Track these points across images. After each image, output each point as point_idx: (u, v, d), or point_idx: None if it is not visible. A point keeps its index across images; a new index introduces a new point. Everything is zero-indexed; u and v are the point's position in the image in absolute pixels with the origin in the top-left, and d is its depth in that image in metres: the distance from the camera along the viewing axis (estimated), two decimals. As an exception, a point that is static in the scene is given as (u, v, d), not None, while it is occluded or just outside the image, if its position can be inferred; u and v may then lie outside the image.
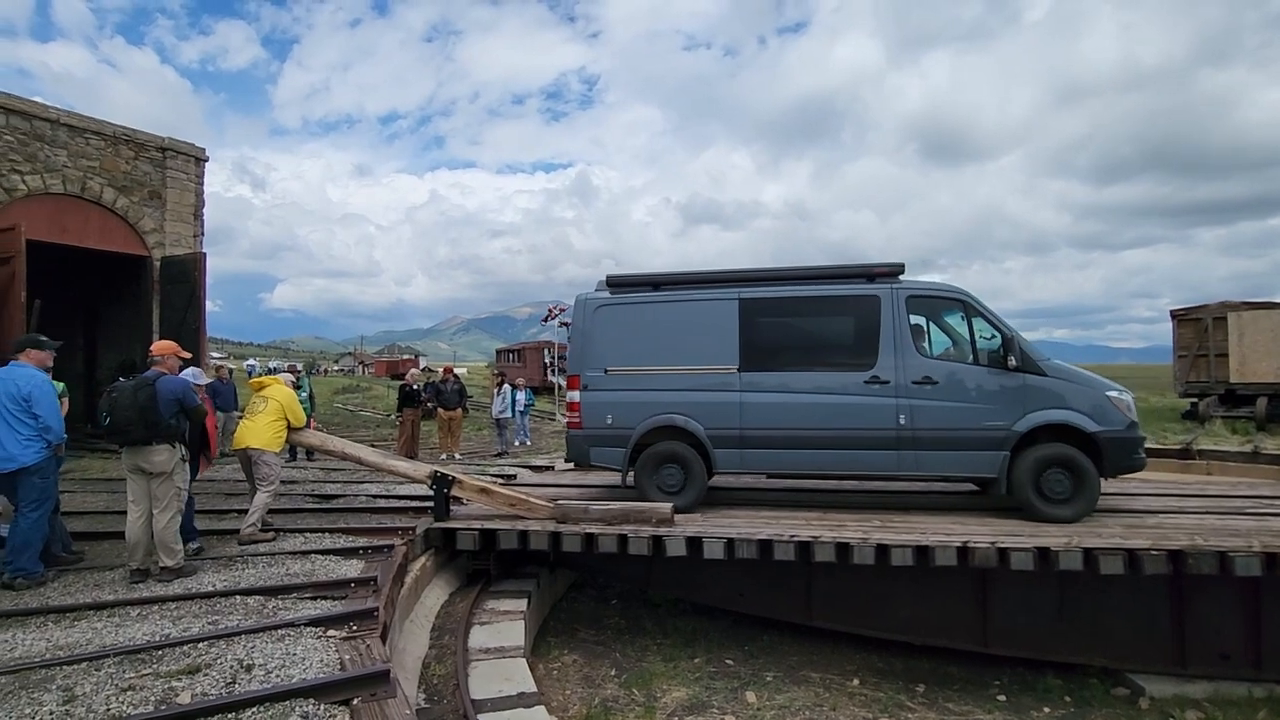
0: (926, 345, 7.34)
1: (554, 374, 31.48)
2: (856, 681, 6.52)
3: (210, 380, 9.58)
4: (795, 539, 6.33)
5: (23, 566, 5.19)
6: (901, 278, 7.39)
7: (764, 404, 7.34)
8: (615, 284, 8.04)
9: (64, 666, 3.78)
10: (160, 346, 5.79)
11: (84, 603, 4.84)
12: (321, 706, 3.41)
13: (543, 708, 4.77)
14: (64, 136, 14.28)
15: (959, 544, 6.08)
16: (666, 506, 6.88)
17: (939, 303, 7.39)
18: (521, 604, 6.65)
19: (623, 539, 6.62)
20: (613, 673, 6.53)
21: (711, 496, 8.34)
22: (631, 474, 7.66)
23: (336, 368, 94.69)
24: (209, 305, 15.73)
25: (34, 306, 12.41)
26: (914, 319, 7.27)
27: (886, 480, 8.14)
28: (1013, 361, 6.81)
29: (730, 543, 6.41)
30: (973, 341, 7.11)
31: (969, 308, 7.16)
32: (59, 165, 14.16)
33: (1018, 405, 6.84)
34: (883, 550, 6.17)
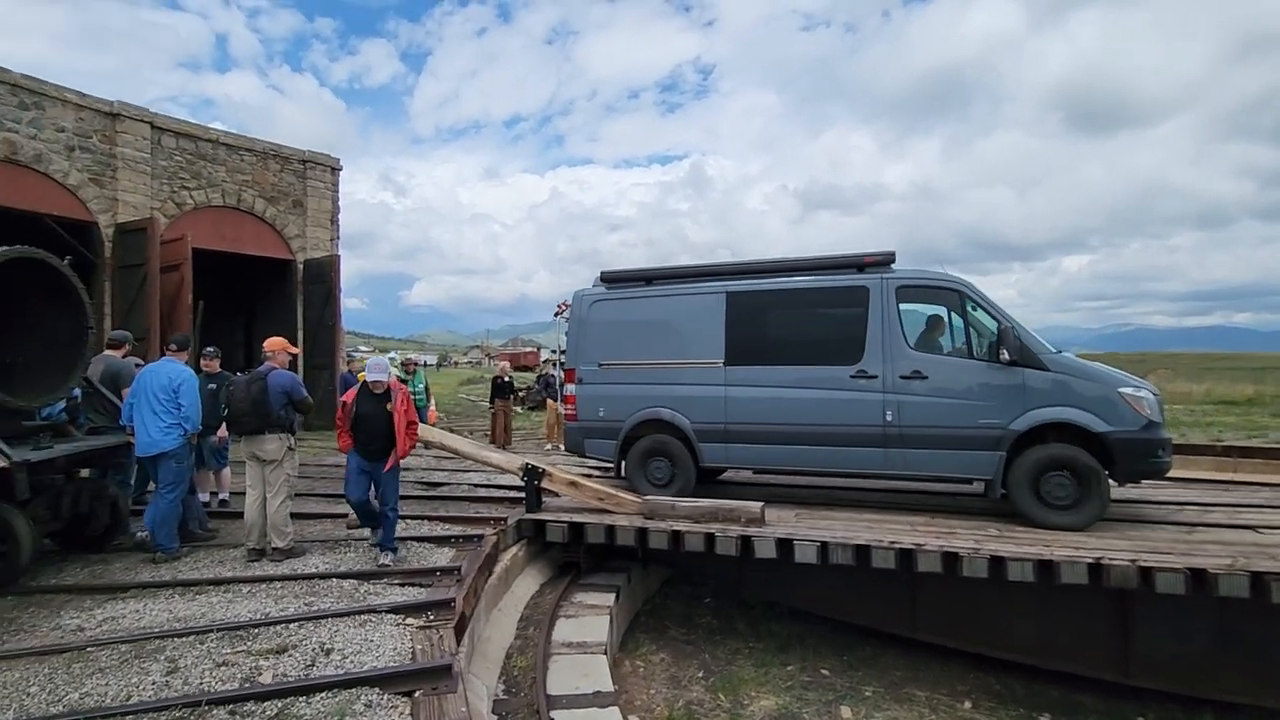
0: (918, 338, 6.94)
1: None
2: (968, 704, 5.93)
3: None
4: (896, 545, 5.84)
5: (160, 542, 5.79)
6: (894, 267, 7.08)
7: (748, 398, 7.28)
8: (610, 279, 8.16)
9: (175, 639, 4.15)
10: (271, 343, 6.24)
11: (206, 578, 5.33)
12: (385, 696, 3.50)
13: (617, 709, 4.68)
14: (223, 154, 15.97)
15: (1091, 560, 5.35)
16: (756, 505, 6.59)
17: (932, 293, 7.01)
18: (609, 598, 6.60)
19: (710, 538, 6.40)
20: (700, 674, 6.34)
21: (809, 496, 7.95)
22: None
23: (465, 360, 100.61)
24: (356, 303, 17.30)
25: (198, 307, 13.99)
26: (905, 310, 6.94)
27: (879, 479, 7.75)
28: (1005, 355, 6.34)
29: (824, 546, 6.02)
30: (968, 334, 6.73)
31: (965, 298, 6.74)
32: (219, 180, 15.85)
33: (1015, 402, 6.37)
34: (997, 563, 5.54)
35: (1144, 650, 5.82)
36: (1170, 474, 9.05)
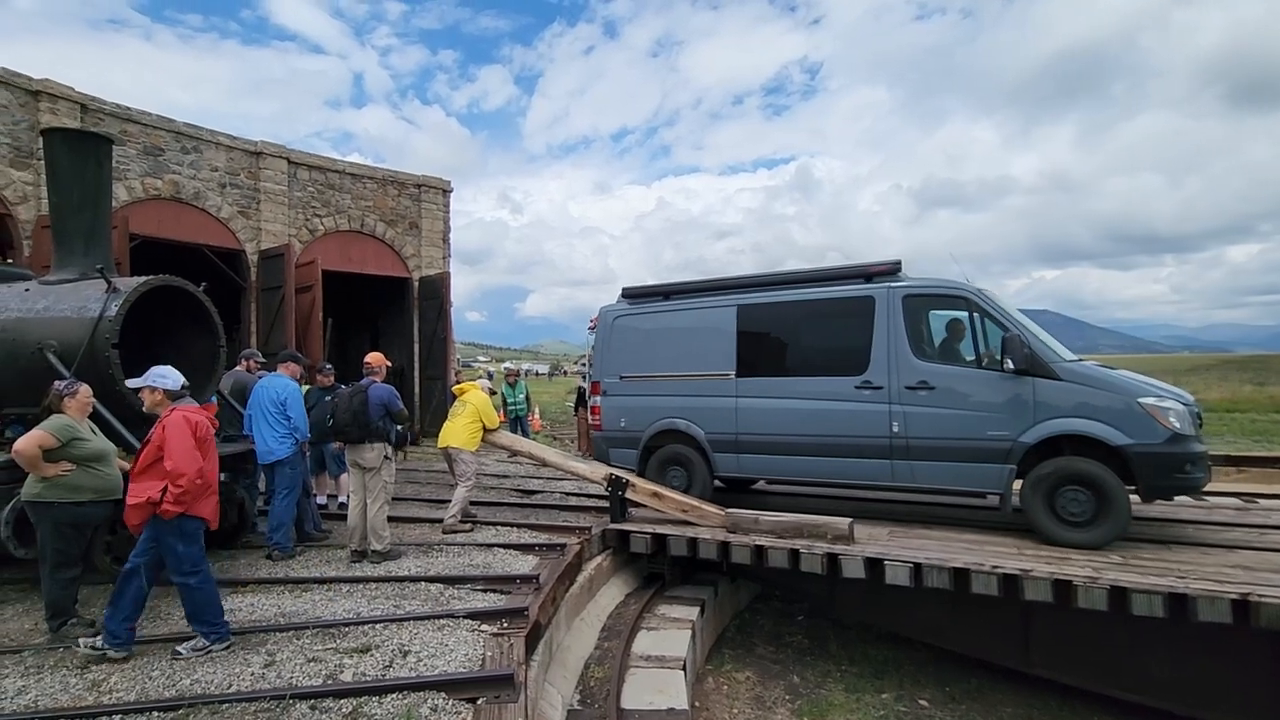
0: (924, 347, 6.78)
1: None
2: (1089, 750, 5.35)
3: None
4: (999, 570, 5.37)
5: (277, 542, 6.33)
6: (901, 275, 6.99)
7: (757, 409, 7.39)
8: (630, 295, 8.51)
9: (277, 633, 4.50)
10: (373, 358, 6.68)
11: (312, 576, 5.75)
12: (450, 701, 3.61)
13: (689, 728, 4.60)
14: (348, 183, 17.33)
15: (1236, 595, 4.67)
16: (844, 522, 6.28)
17: (940, 301, 6.82)
18: (693, 612, 6.51)
19: (794, 554, 6.17)
20: (786, 697, 6.11)
21: (905, 512, 7.52)
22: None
23: (575, 368, 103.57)
24: (475, 316, 18.24)
25: (327, 324, 15.26)
26: (911, 319, 6.76)
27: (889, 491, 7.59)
28: (1010, 364, 6.12)
29: (917, 568, 5.64)
30: (976, 343, 6.48)
31: (975, 306, 6.52)
32: (345, 207, 17.21)
33: (1024, 413, 6.12)
34: (1119, 594, 4.96)
35: (1310, 703, 5.00)
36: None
